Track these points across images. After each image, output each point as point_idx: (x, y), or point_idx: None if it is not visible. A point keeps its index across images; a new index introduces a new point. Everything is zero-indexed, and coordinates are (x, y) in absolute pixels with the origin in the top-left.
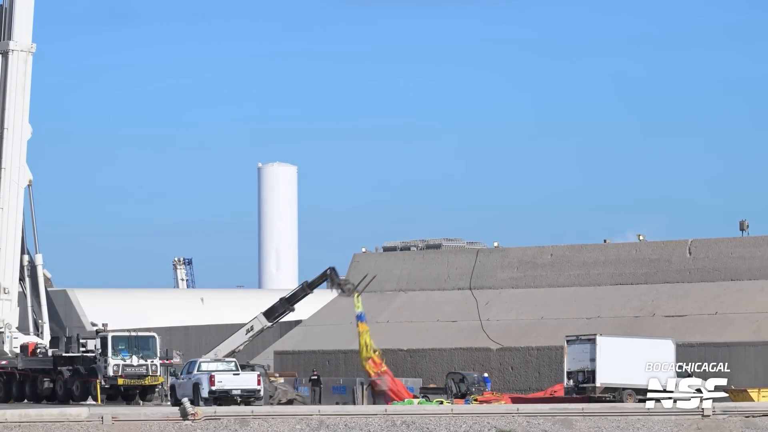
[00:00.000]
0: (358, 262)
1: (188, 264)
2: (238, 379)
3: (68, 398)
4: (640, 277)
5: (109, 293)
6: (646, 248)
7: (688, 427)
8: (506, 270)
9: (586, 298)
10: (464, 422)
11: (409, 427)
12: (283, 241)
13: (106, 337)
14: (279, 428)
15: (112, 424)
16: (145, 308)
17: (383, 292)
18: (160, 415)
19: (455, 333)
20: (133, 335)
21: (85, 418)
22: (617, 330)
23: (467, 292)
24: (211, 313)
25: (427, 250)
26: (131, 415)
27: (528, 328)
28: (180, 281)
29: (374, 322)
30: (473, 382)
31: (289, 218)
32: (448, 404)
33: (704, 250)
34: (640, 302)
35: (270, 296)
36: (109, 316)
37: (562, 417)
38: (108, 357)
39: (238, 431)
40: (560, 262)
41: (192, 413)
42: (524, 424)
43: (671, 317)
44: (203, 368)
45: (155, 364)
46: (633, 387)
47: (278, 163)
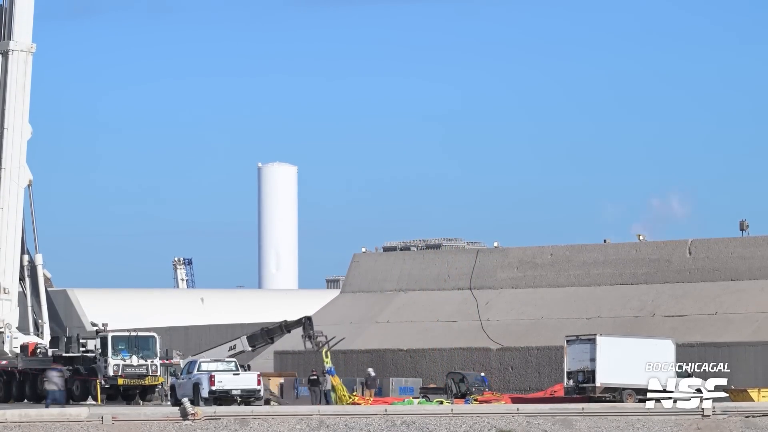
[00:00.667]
0: (358, 262)
1: (188, 264)
2: (238, 379)
3: (68, 398)
4: (640, 277)
5: (109, 293)
6: (646, 248)
7: (688, 427)
8: (506, 270)
9: (586, 298)
10: (464, 422)
11: (409, 427)
12: (283, 241)
13: (106, 337)
14: (279, 428)
15: (112, 424)
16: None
17: (383, 292)
18: (160, 415)
19: (455, 333)
20: (133, 335)
21: (85, 418)
22: (617, 330)
23: (467, 292)
24: (211, 313)
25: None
26: (131, 415)
27: (528, 328)
28: (180, 281)
29: (374, 322)
30: (473, 382)
31: (289, 218)
32: (448, 404)
33: (704, 250)
34: (640, 302)
35: (270, 296)
36: (109, 316)
37: (562, 417)
38: (108, 357)
39: (238, 431)
40: (560, 262)
41: (192, 413)
42: (524, 424)
43: (671, 317)
44: (203, 368)
45: (155, 364)
46: (633, 387)
47: (278, 163)
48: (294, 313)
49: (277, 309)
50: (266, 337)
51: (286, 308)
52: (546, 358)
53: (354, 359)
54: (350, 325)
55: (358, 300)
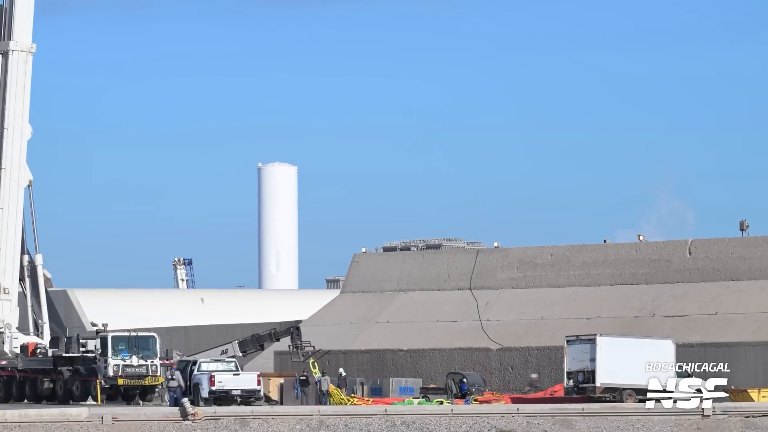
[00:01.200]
0: (358, 262)
1: (188, 264)
2: (238, 379)
3: (68, 398)
4: (640, 277)
5: (109, 293)
6: (646, 248)
7: (688, 427)
8: (506, 270)
9: (586, 298)
10: (464, 422)
11: (409, 427)
12: (283, 241)
13: (106, 338)
14: (279, 428)
15: (112, 425)
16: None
17: (383, 293)
18: (160, 416)
19: (455, 333)
20: (133, 335)
21: (85, 419)
22: (617, 330)
23: (467, 292)
24: (211, 313)
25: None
26: (131, 416)
27: (528, 328)
28: (180, 281)
29: (374, 322)
30: (473, 383)
31: (290, 218)
32: (448, 404)
33: (704, 250)
34: (640, 302)
35: (270, 296)
36: (109, 316)
37: (562, 417)
38: (108, 357)
39: (238, 431)
40: (560, 262)
41: (192, 413)
42: (524, 424)
43: (671, 317)
44: (203, 368)
45: (155, 364)
46: (633, 387)
47: (278, 163)
48: (294, 313)
49: (277, 309)
50: (256, 344)
51: (286, 308)
52: (546, 358)
53: (354, 359)
54: (350, 325)
55: (358, 300)
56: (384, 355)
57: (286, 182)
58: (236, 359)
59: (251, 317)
